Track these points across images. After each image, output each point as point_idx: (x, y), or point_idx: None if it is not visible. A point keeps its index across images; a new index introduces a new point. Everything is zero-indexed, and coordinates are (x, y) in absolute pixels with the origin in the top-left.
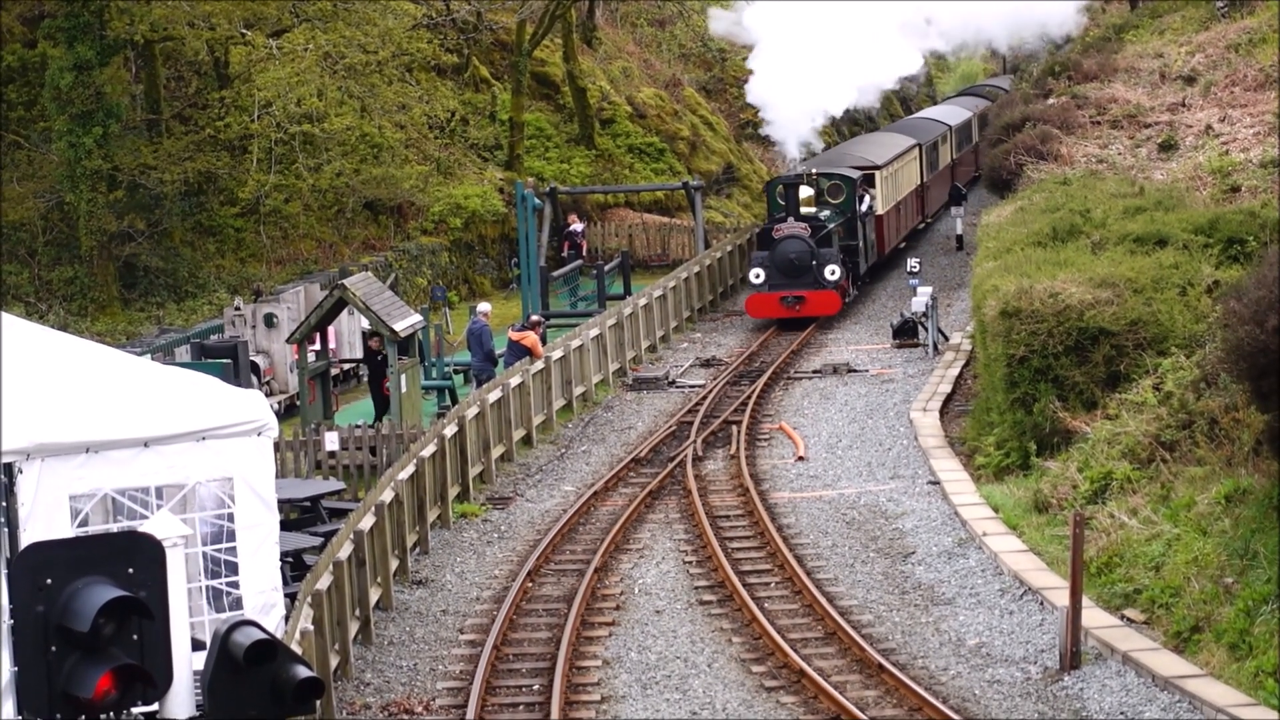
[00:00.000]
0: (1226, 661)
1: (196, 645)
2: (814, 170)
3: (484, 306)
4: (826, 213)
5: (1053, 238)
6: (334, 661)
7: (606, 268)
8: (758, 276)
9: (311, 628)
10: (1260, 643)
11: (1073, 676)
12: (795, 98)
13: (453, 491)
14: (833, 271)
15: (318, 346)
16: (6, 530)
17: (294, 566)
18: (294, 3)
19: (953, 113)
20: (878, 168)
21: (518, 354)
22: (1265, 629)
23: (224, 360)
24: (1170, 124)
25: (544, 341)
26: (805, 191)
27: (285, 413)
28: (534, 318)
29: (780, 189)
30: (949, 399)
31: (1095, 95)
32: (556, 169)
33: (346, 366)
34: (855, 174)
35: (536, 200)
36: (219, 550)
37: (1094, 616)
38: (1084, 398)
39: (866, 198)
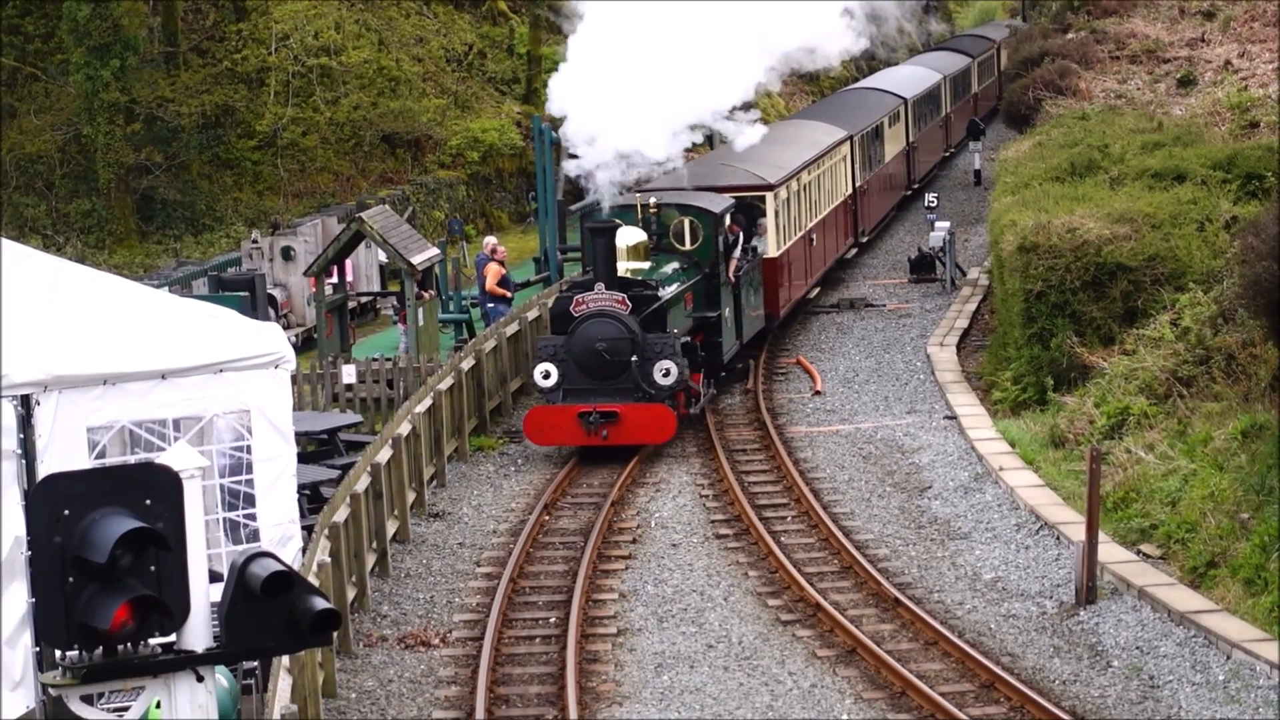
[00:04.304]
0: (1242, 597)
1: (214, 577)
2: (652, 200)
3: (488, 239)
4: (671, 267)
5: (1071, 173)
6: (351, 594)
7: None
8: (546, 377)
9: (329, 560)
10: (1275, 578)
11: (1088, 611)
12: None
13: (470, 425)
14: (666, 372)
15: (335, 279)
16: (24, 462)
17: (311, 499)
18: None
19: (914, 78)
20: (770, 187)
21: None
22: None
23: (241, 293)
24: (1189, 59)
25: (561, 273)
26: (631, 236)
27: (302, 345)
28: (488, 239)
29: (588, 235)
30: (966, 334)
31: (1114, 30)
32: None
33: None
34: (722, 204)
35: (554, 134)
36: (236, 482)
37: (1110, 551)
38: (1101, 333)
39: (757, 226)
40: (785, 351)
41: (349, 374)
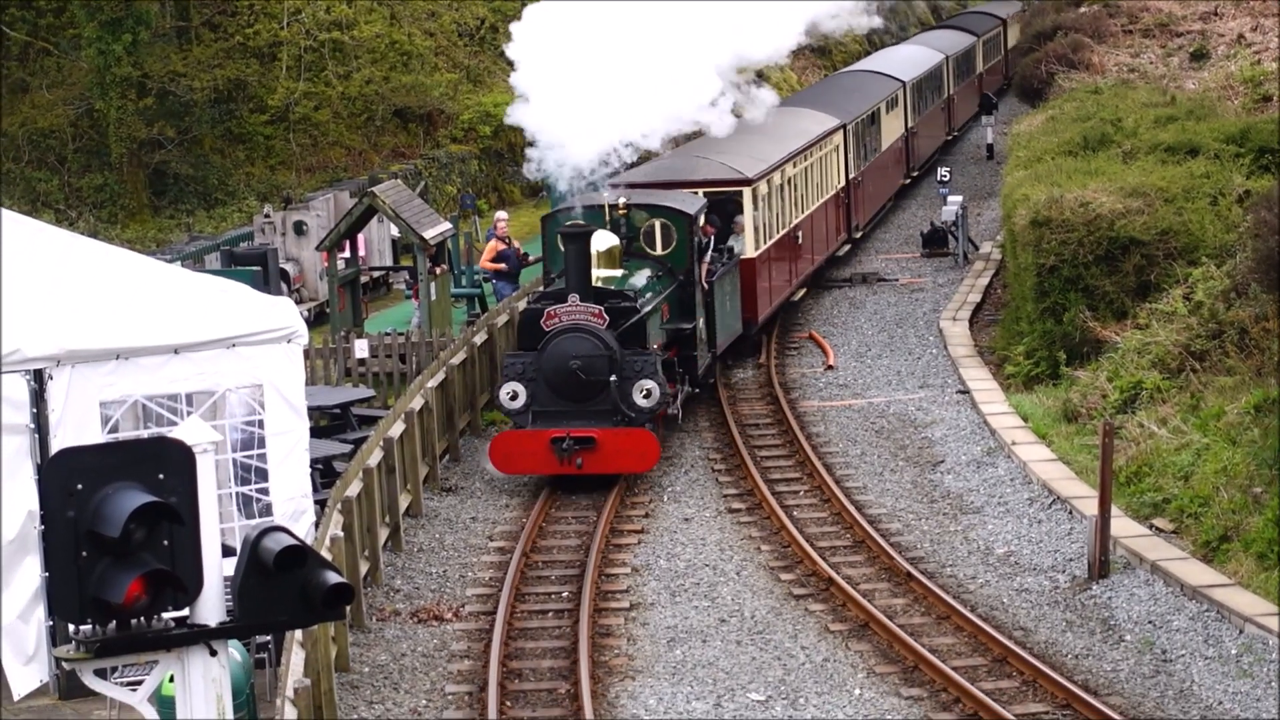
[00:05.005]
0: (1254, 571)
1: (227, 551)
2: (621, 201)
3: (499, 214)
4: (644, 275)
5: (1084, 147)
6: (364, 568)
7: None
8: (514, 397)
9: (341, 534)
10: None
11: (1101, 585)
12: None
13: (482, 399)
14: (647, 393)
15: (347, 254)
16: (37, 436)
17: (324, 473)
18: None
19: (914, 59)
20: (748, 181)
21: (504, 275)
22: None
23: (254, 267)
24: (1202, 33)
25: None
26: (604, 241)
27: (315, 320)
28: (499, 214)
29: (559, 238)
30: (978, 308)
31: (1127, 4)
32: None
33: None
34: (696, 204)
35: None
36: (249, 457)
37: (1122, 526)
38: (1114, 307)
39: (734, 224)
40: (798, 326)
41: (361, 349)
